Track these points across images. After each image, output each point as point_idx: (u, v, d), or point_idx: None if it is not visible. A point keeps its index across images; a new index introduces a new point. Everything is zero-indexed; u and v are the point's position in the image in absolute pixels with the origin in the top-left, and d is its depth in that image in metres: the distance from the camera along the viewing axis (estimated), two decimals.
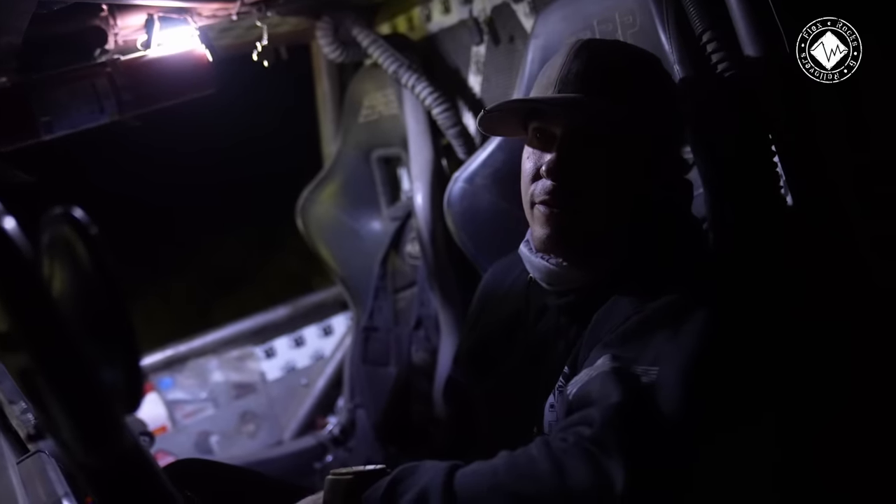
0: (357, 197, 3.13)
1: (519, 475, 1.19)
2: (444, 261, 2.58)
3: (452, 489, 1.19)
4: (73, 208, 0.80)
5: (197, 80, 2.27)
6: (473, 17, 2.52)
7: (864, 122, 1.65)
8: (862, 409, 1.57)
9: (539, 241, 1.53)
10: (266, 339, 3.42)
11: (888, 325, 1.60)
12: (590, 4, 1.87)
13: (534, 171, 1.52)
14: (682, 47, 1.69)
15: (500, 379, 1.68)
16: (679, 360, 1.28)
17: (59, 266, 0.81)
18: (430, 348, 2.74)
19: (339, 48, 2.72)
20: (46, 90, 2.03)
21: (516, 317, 1.71)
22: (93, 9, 1.98)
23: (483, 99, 2.62)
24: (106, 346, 0.78)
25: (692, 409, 1.24)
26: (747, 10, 1.60)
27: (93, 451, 0.78)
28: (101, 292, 0.78)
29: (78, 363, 0.74)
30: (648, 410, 1.23)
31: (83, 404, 0.75)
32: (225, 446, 3.21)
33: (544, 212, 1.50)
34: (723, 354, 1.33)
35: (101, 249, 0.78)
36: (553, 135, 1.50)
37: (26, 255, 0.74)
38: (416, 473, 1.24)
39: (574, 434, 1.20)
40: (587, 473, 1.15)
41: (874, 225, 1.62)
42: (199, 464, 1.90)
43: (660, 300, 1.40)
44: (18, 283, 0.73)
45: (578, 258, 1.53)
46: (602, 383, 1.27)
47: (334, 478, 1.30)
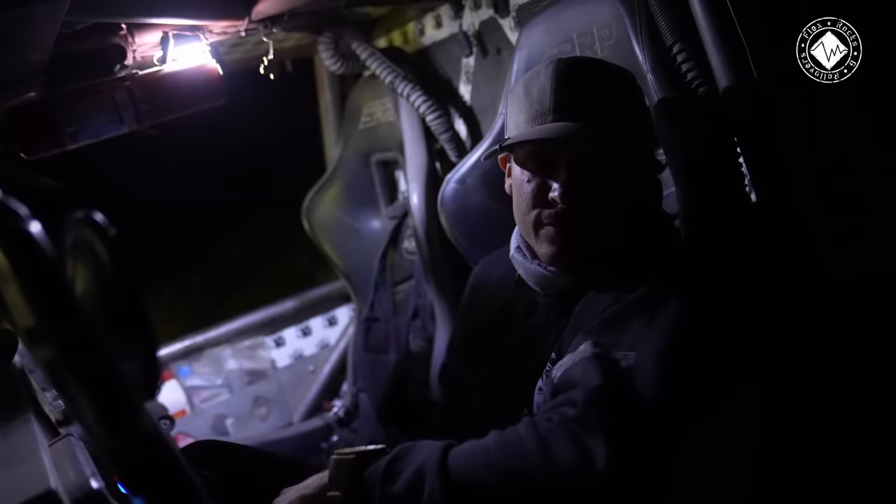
0: (358, 198, 3.14)
1: (508, 453, 1.19)
2: (438, 256, 2.58)
3: (447, 466, 1.20)
4: (93, 212, 0.81)
5: (209, 92, 2.27)
6: (463, 31, 2.52)
7: (822, 126, 1.65)
8: (823, 391, 1.58)
9: (547, 257, 1.52)
10: (276, 330, 3.42)
11: (843, 312, 1.61)
12: (570, 19, 1.87)
13: (537, 194, 1.49)
14: (655, 58, 1.69)
15: (494, 365, 1.68)
16: (655, 345, 1.29)
17: (82, 266, 0.81)
18: (427, 337, 2.74)
19: (339, 61, 2.72)
20: (71, 103, 2.04)
21: (506, 310, 1.71)
22: (113, 28, 1.98)
23: (473, 106, 2.61)
24: (125, 339, 0.79)
25: (668, 391, 1.25)
26: (713, 24, 1.60)
27: (114, 436, 0.79)
28: (121, 290, 0.78)
29: (99, 356, 0.75)
30: (627, 392, 1.23)
31: (104, 393, 0.76)
32: (239, 428, 3.22)
33: (554, 233, 1.49)
34: (695, 340, 1.33)
35: (120, 250, 0.79)
36: (554, 160, 1.48)
37: (51, 257, 0.74)
38: (414, 452, 1.25)
39: (559, 414, 1.21)
40: (571, 451, 1.15)
41: (830, 221, 1.62)
42: (215, 445, 1.90)
43: (636, 291, 1.40)
44: (44, 283, 0.73)
45: (576, 268, 1.53)
46: (584, 367, 1.27)
47: (338, 457, 1.31)
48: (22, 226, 0.74)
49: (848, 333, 1.59)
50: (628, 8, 1.73)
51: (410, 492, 1.20)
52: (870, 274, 1.62)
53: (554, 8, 1.93)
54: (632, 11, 1.72)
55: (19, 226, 0.74)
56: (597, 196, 1.47)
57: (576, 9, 1.86)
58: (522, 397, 1.56)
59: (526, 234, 1.57)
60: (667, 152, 1.66)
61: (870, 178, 1.66)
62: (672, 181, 1.67)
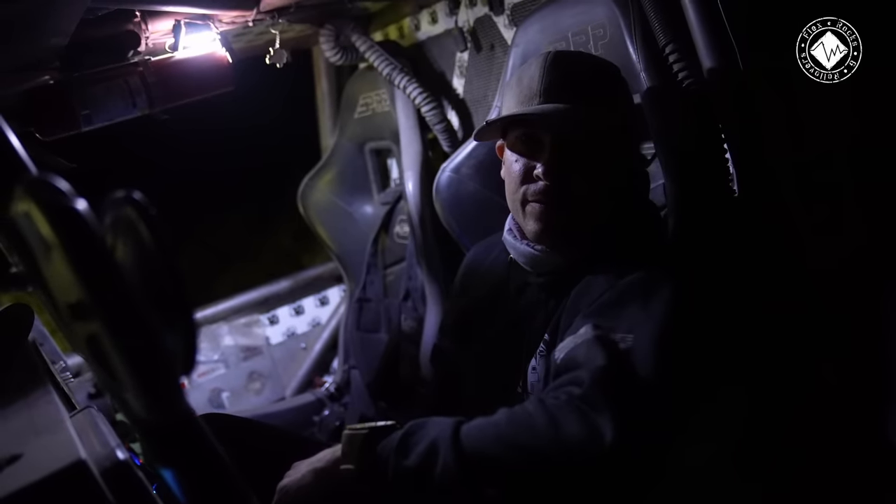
0: (352, 184, 3.12)
1: (519, 429, 1.18)
2: (431, 240, 2.57)
3: (460, 440, 1.19)
4: (134, 191, 0.78)
5: (218, 79, 2.25)
6: (458, 27, 2.50)
7: (803, 122, 1.65)
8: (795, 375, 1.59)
9: (533, 234, 1.53)
10: (270, 308, 3.43)
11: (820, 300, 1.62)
12: (565, 18, 1.85)
13: (524, 173, 1.51)
14: (648, 57, 1.68)
15: (486, 344, 1.67)
16: (650, 327, 1.29)
17: (123, 243, 0.78)
18: (417, 317, 2.73)
19: (339, 52, 2.71)
20: (85, 87, 2.01)
21: (498, 291, 1.70)
22: (127, 15, 1.96)
23: (465, 99, 2.61)
24: (166, 314, 0.76)
25: (665, 369, 1.25)
26: (704, 25, 1.60)
27: (155, 409, 0.77)
28: (162, 268, 0.76)
29: (144, 330, 0.72)
30: (627, 372, 1.23)
31: (148, 366, 0.74)
32: (234, 402, 3.22)
33: (539, 209, 1.49)
34: (686, 322, 1.33)
35: (161, 228, 0.76)
36: (539, 140, 1.49)
37: (98, 234, 0.72)
38: (426, 428, 1.24)
39: (566, 393, 1.20)
40: (579, 426, 1.15)
41: (810, 213, 1.63)
42: (220, 418, 1.87)
43: (629, 277, 1.40)
44: (93, 257, 0.71)
45: (563, 245, 1.53)
46: (588, 348, 1.26)
47: (351, 432, 1.29)
48: (70, 203, 0.71)
49: (826, 320, 1.60)
50: (622, 9, 1.72)
51: (424, 464, 1.19)
52: (847, 262, 1.62)
53: (550, 7, 1.91)
54: (626, 12, 1.71)
55: (68, 203, 0.71)
56: (579, 175, 1.47)
57: (571, 8, 1.85)
58: (515, 376, 1.55)
59: (515, 213, 1.58)
60: (657, 145, 1.66)
61: (848, 170, 1.66)
62: (660, 174, 1.67)
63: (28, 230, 0.75)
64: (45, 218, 0.71)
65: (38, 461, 0.88)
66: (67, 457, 0.87)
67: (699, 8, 1.60)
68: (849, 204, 1.67)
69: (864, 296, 1.62)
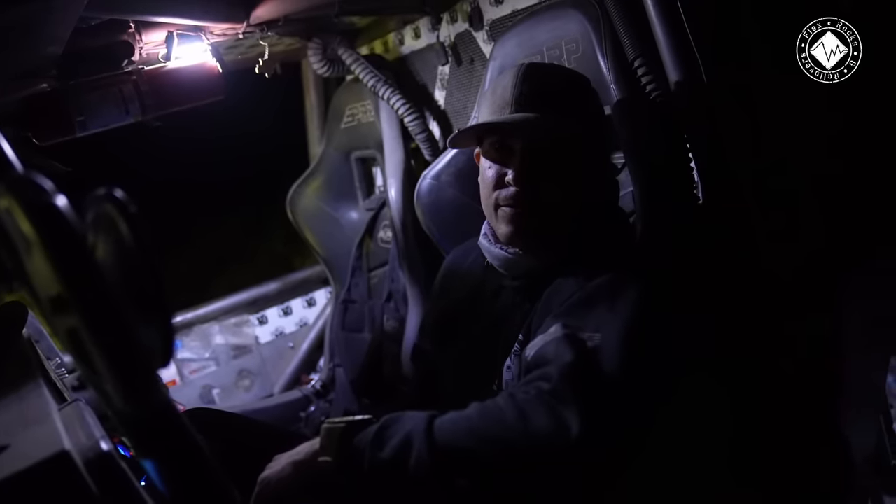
0: (338, 191, 3.12)
1: (489, 422, 1.18)
2: (412, 245, 2.56)
3: (433, 433, 1.18)
4: (114, 189, 0.76)
5: (209, 88, 2.24)
6: (440, 42, 2.50)
7: (762, 133, 1.66)
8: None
9: (504, 237, 1.52)
10: (259, 309, 3.42)
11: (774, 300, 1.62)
12: (541, 33, 1.86)
13: (496, 179, 1.51)
14: (618, 70, 1.69)
15: (465, 344, 1.66)
16: (616, 326, 1.28)
17: (103, 239, 0.77)
18: (399, 318, 2.73)
19: (326, 65, 2.70)
20: (81, 94, 2.01)
21: (475, 293, 1.69)
22: (122, 25, 1.95)
23: (446, 110, 2.60)
24: (143, 309, 0.75)
25: (630, 366, 1.24)
26: (670, 41, 1.61)
27: (132, 400, 0.75)
28: (141, 264, 0.75)
29: (121, 324, 0.71)
30: (594, 368, 1.22)
31: (124, 360, 0.72)
32: (224, 398, 3.21)
33: (510, 213, 1.49)
34: (651, 321, 1.33)
35: (141, 225, 0.75)
36: (511, 148, 1.49)
37: (78, 231, 0.70)
38: (401, 421, 1.23)
39: (535, 388, 1.20)
40: (547, 420, 1.14)
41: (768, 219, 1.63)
42: (207, 412, 1.86)
43: (598, 279, 1.40)
44: (72, 254, 0.69)
45: (534, 249, 1.52)
46: (557, 346, 1.26)
47: (329, 426, 1.28)
48: (50, 200, 0.70)
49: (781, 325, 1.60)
50: (594, 25, 1.73)
51: (399, 457, 1.18)
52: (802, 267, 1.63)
53: (526, 23, 1.92)
54: (598, 28, 1.72)
55: (48, 200, 0.70)
56: (549, 181, 1.47)
57: (546, 24, 1.85)
58: (491, 374, 1.54)
59: (489, 217, 1.58)
60: (626, 154, 1.67)
61: (804, 177, 1.66)
62: (629, 182, 1.67)
63: (10, 226, 0.73)
64: (25, 214, 0.70)
65: (24, 452, 0.87)
66: (52, 447, 0.85)
67: (666, 25, 1.60)
68: (805, 209, 1.67)
69: (818, 297, 1.62)
